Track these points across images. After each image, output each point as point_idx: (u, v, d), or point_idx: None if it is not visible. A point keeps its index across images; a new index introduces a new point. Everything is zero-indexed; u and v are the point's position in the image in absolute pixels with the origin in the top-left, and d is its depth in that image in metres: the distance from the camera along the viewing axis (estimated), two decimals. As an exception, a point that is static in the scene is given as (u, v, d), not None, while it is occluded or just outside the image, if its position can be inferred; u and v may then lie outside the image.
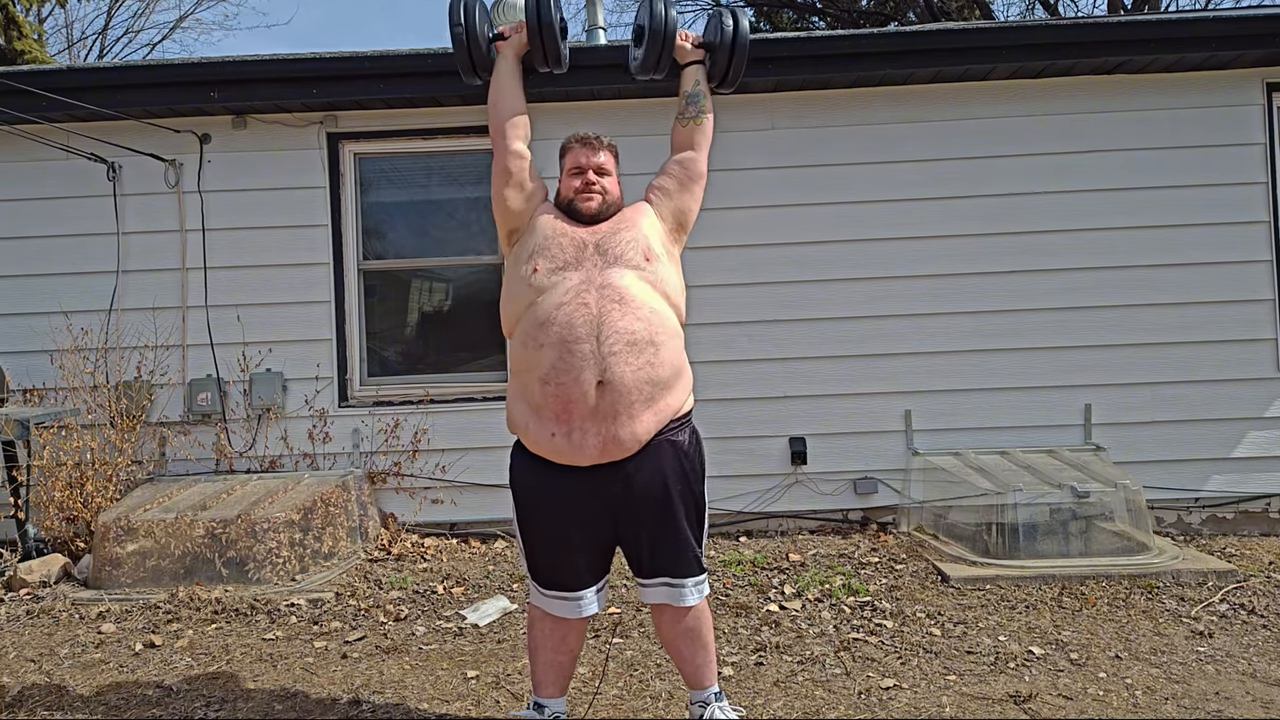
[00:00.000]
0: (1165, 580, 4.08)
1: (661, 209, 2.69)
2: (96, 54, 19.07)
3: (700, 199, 2.75)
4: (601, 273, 2.46)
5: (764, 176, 5.21)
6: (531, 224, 2.61)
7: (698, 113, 2.75)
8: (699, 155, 2.74)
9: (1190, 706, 2.90)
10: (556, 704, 2.65)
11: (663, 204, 2.70)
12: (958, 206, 5.15)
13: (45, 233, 5.24)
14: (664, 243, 2.62)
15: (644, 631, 3.63)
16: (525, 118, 2.70)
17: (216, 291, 5.22)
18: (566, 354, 2.36)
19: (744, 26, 2.74)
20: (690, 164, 2.73)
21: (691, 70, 2.80)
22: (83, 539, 4.69)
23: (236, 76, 5.03)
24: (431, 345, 5.52)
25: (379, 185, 5.46)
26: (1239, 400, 5.07)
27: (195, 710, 3.01)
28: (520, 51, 2.75)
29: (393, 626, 3.77)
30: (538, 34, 2.69)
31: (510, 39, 2.74)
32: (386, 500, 5.20)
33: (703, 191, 2.76)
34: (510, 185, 2.63)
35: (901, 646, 3.44)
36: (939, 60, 4.95)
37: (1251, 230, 5.09)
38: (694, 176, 2.73)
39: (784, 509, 5.18)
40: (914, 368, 5.16)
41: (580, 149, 2.67)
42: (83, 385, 5.02)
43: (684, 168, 2.73)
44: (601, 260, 2.48)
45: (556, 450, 2.42)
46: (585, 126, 5.35)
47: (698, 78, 2.78)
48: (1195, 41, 4.87)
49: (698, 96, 2.76)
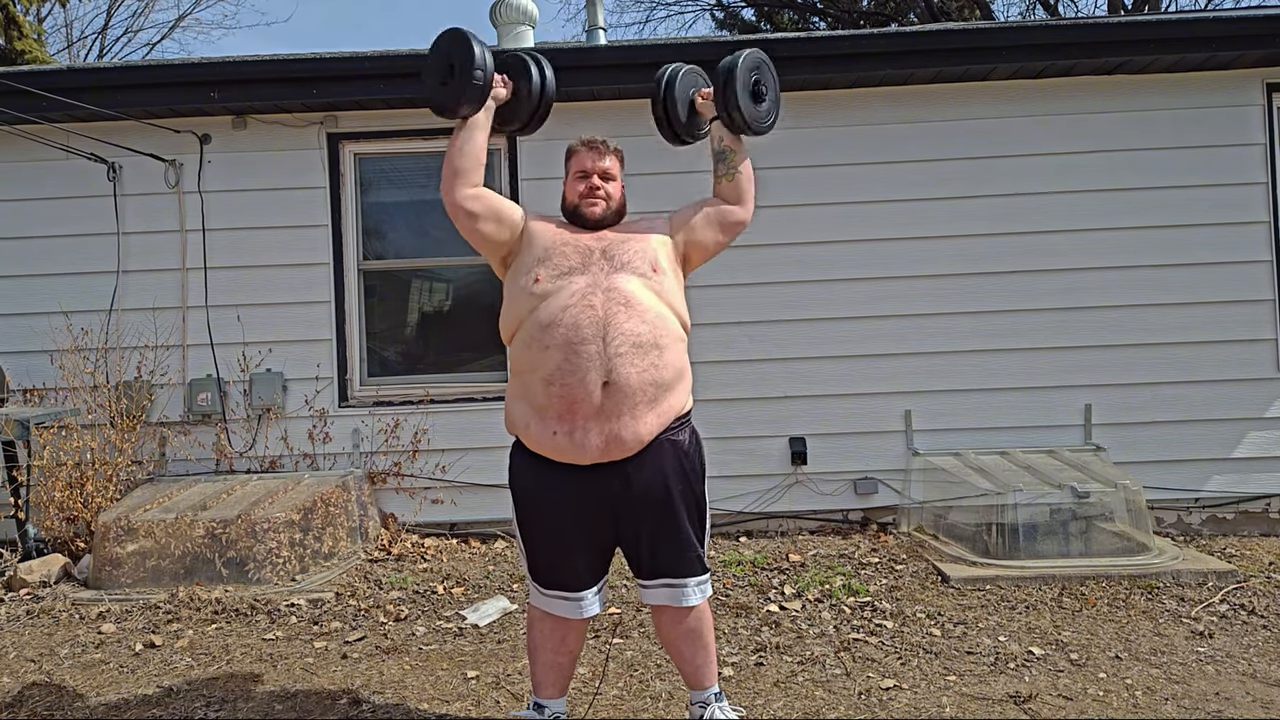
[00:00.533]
0: (1165, 580, 4.08)
1: (680, 236, 2.66)
2: (96, 53, 19.10)
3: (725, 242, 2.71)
4: (608, 277, 2.46)
5: (764, 177, 5.13)
6: (527, 238, 2.58)
7: (728, 170, 2.71)
8: (744, 210, 2.72)
9: (1190, 707, 2.89)
10: (556, 704, 2.64)
11: (684, 234, 2.66)
12: (958, 207, 5.15)
13: (46, 233, 5.24)
14: (670, 261, 2.61)
15: (644, 631, 3.63)
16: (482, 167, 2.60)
17: (216, 291, 5.22)
18: (573, 355, 2.36)
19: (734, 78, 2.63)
20: (728, 214, 2.70)
21: (715, 126, 2.75)
22: (83, 539, 4.69)
23: (236, 77, 5.03)
24: (431, 345, 5.52)
25: (379, 185, 5.46)
26: (1239, 400, 5.07)
27: (195, 710, 3.00)
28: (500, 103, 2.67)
29: (393, 626, 3.77)
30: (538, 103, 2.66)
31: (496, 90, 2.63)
32: (386, 500, 5.20)
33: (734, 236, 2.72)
34: (481, 221, 2.55)
35: (901, 647, 3.43)
36: (939, 61, 4.96)
37: (1252, 230, 5.09)
38: (727, 226, 2.70)
39: (784, 509, 5.18)
40: (914, 368, 5.16)
41: (586, 153, 2.66)
42: (83, 385, 5.02)
43: (721, 215, 2.70)
44: (608, 265, 2.49)
45: (558, 449, 2.41)
46: (585, 126, 5.36)
47: (720, 134, 2.73)
48: (1195, 42, 4.87)
49: (724, 155, 2.71)
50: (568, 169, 2.71)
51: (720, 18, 18.85)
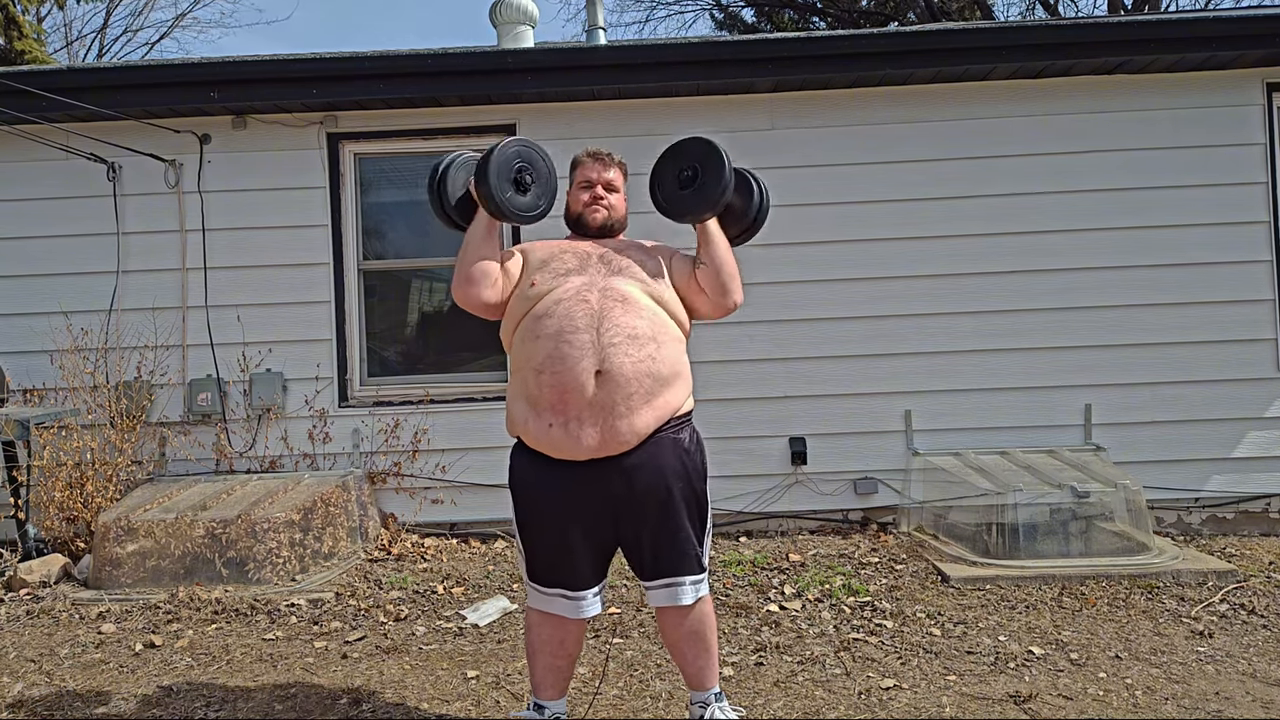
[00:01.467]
0: (1165, 580, 4.08)
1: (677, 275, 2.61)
2: (95, 53, 19.10)
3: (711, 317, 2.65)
4: (605, 279, 2.50)
5: (765, 176, 5.18)
6: (526, 263, 2.60)
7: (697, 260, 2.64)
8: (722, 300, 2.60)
9: (1190, 706, 2.89)
10: (556, 705, 2.64)
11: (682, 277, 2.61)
12: (957, 206, 5.15)
13: (46, 233, 5.24)
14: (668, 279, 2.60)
15: (644, 631, 3.63)
16: (495, 266, 2.58)
17: (216, 291, 5.22)
18: (563, 343, 2.38)
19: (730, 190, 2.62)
20: (726, 299, 2.60)
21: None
22: (83, 539, 4.69)
23: (236, 76, 5.03)
24: (431, 345, 5.52)
25: (379, 185, 5.46)
26: (1239, 400, 5.07)
27: (195, 710, 3.01)
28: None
29: (393, 626, 3.77)
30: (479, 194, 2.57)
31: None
32: (386, 500, 5.20)
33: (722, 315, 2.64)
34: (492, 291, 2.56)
35: (901, 646, 3.44)
36: (939, 60, 4.96)
37: (1252, 230, 5.09)
38: (721, 307, 2.60)
39: (784, 509, 5.18)
40: (914, 368, 5.16)
41: (592, 164, 2.72)
42: (83, 385, 5.02)
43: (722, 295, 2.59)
44: (606, 269, 2.53)
45: (554, 443, 2.42)
46: (585, 126, 5.39)
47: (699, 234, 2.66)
48: (1195, 41, 4.87)
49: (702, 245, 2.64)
50: (572, 179, 2.76)
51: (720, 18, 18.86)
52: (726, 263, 2.60)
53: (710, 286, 2.58)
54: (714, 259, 2.59)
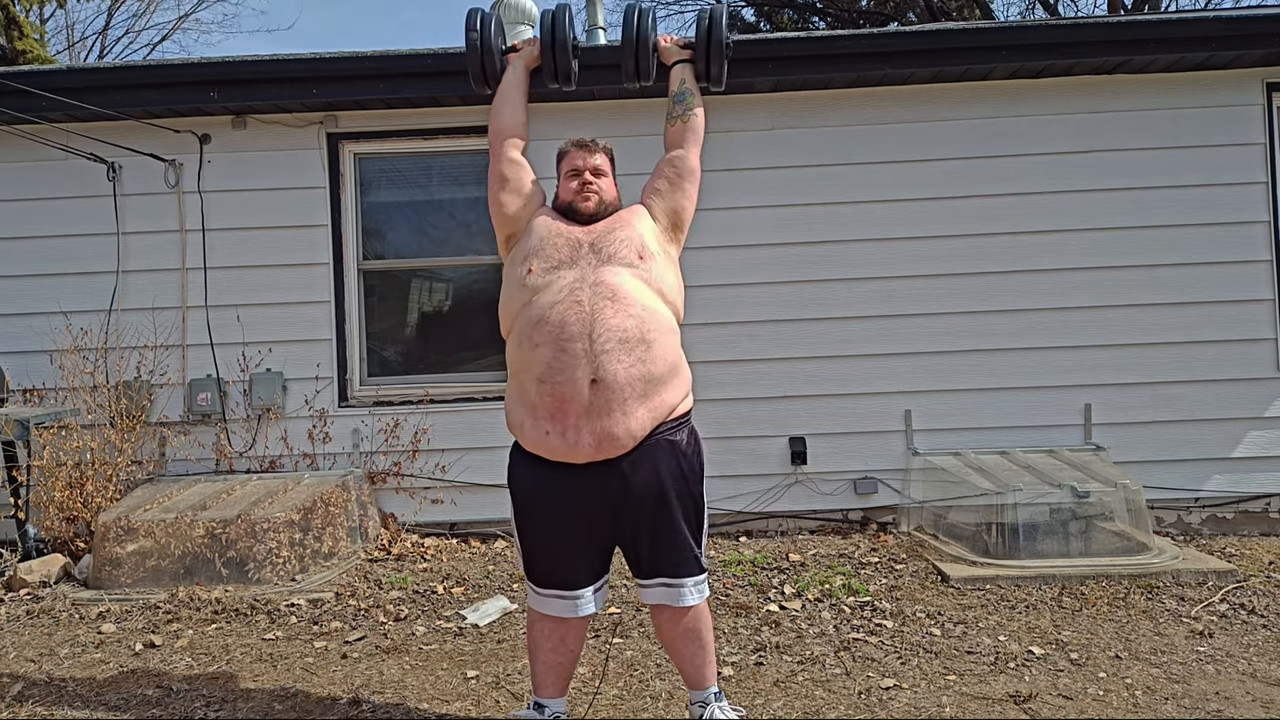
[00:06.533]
0: (1165, 580, 4.08)
1: (656, 209, 2.73)
2: (97, 54, 19.09)
3: (694, 196, 2.77)
4: (595, 270, 2.49)
5: (765, 176, 5.21)
6: (529, 227, 2.65)
7: (684, 111, 2.79)
8: (689, 152, 2.77)
9: (1190, 706, 2.89)
10: (556, 704, 2.65)
11: (657, 204, 2.73)
12: (958, 206, 5.15)
13: (45, 233, 5.24)
14: (660, 242, 2.65)
15: (644, 631, 3.63)
16: (525, 128, 2.80)
17: (216, 291, 5.22)
18: (560, 353, 2.38)
19: (719, 25, 2.79)
20: (680, 161, 2.76)
21: (677, 70, 2.87)
22: (83, 539, 4.69)
23: (236, 77, 5.03)
24: (431, 345, 5.52)
25: (379, 185, 5.46)
26: (1239, 400, 5.07)
27: (195, 710, 3.01)
28: (531, 65, 2.86)
29: (393, 626, 3.77)
30: (550, 52, 2.81)
31: (522, 52, 2.84)
32: (386, 500, 5.20)
33: (696, 188, 2.78)
34: (506, 190, 2.70)
35: (901, 646, 3.43)
36: (939, 60, 4.96)
37: (1251, 230, 5.09)
38: (684, 174, 2.75)
39: (784, 509, 5.18)
40: (914, 367, 5.16)
41: (577, 152, 2.73)
42: (83, 385, 5.02)
43: (674, 166, 2.76)
44: (596, 258, 2.53)
45: (551, 448, 2.43)
46: (585, 126, 5.38)
47: (683, 76, 2.85)
48: (1195, 41, 4.87)
49: (683, 95, 2.81)
50: (559, 170, 2.77)
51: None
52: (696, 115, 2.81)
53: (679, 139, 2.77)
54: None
